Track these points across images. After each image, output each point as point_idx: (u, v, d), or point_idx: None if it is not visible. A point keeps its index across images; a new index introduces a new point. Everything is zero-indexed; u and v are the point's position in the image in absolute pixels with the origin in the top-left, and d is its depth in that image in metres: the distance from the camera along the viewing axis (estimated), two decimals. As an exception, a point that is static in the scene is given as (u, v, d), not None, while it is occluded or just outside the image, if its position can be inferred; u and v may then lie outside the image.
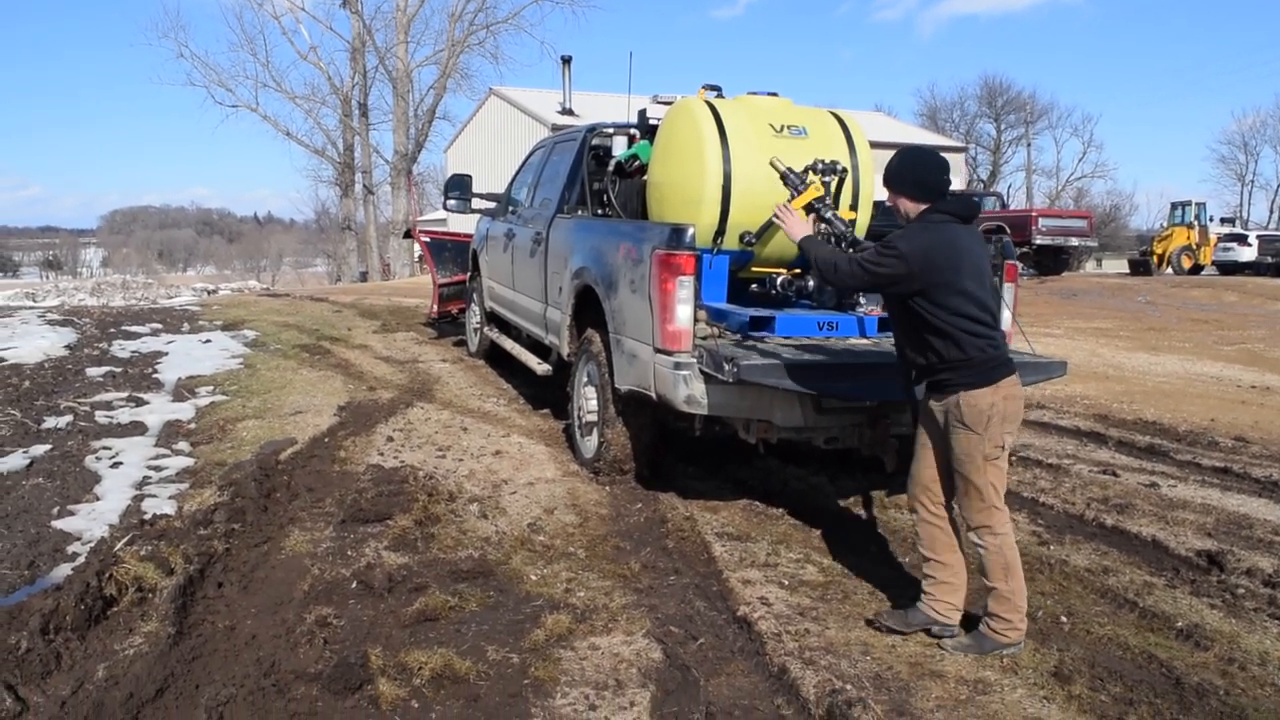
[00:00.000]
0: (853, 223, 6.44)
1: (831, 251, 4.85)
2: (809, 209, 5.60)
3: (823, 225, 5.61)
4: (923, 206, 4.53)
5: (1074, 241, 30.26)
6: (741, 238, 6.54)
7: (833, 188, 6.20)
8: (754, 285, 6.80)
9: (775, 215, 5.15)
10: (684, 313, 5.77)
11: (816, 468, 7.32)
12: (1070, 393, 10.69)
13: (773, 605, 4.94)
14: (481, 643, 4.52)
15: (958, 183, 45.42)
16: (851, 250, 6.23)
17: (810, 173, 5.97)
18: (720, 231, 6.50)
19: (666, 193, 6.86)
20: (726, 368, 5.41)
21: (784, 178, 5.75)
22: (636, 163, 7.72)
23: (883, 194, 4.90)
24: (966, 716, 3.91)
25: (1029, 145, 76.53)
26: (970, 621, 4.65)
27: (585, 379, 7.20)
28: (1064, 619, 4.86)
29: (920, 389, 4.70)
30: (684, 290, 5.78)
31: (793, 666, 4.26)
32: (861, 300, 6.71)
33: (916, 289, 4.35)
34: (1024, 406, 4.58)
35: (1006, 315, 6.46)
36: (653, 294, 5.86)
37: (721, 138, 6.43)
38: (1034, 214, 30.36)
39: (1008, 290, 6.43)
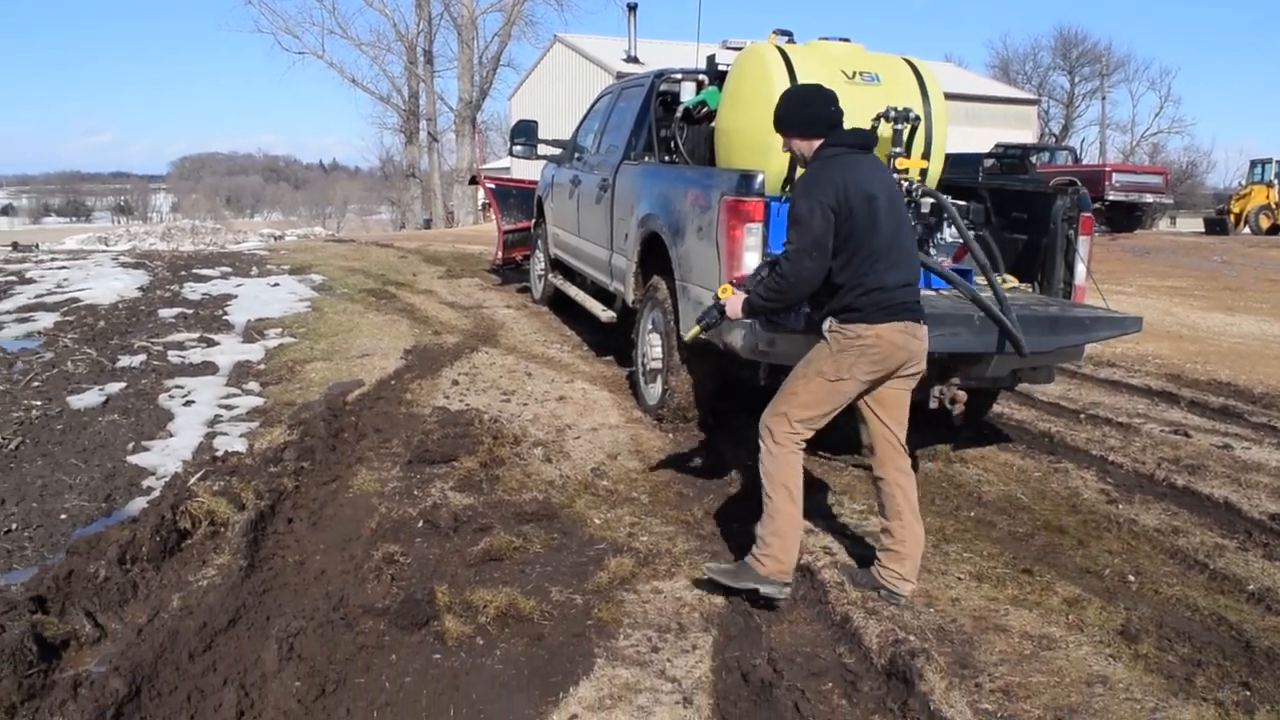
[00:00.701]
0: (924, 172, 6.33)
1: (756, 285, 4.46)
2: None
3: None
4: (816, 143, 4.36)
5: (1148, 198, 29.50)
6: (811, 187, 6.45)
7: (904, 136, 6.10)
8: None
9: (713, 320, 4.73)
10: (752, 260, 5.72)
11: (881, 420, 7.26)
12: (1142, 351, 10.49)
13: (835, 555, 4.93)
14: (545, 584, 4.57)
15: (1027, 136, 44.50)
16: (920, 195, 6.17)
17: (882, 120, 5.88)
18: (789, 179, 6.42)
19: (735, 139, 6.78)
20: (793, 316, 5.36)
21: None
22: (705, 109, 7.64)
23: (954, 146, 4.74)
24: (1030, 672, 3.87)
25: (1104, 99, 74.53)
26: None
27: (650, 326, 7.19)
28: (1131, 578, 4.80)
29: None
30: (752, 237, 5.72)
31: (855, 616, 4.25)
32: (932, 251, 6.60)
33: (839, 231, 4.15)
34: (911, 359, 4.36)
35: (1081, 269, 6.34)
36: (720, 241, 5.81)
37: (792, 84, 6.34)
38: (1108, 169, 29.63)
39: (1083, 243, 6.31)
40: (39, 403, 7.23)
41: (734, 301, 4.51)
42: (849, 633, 4.18)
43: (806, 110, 4.41)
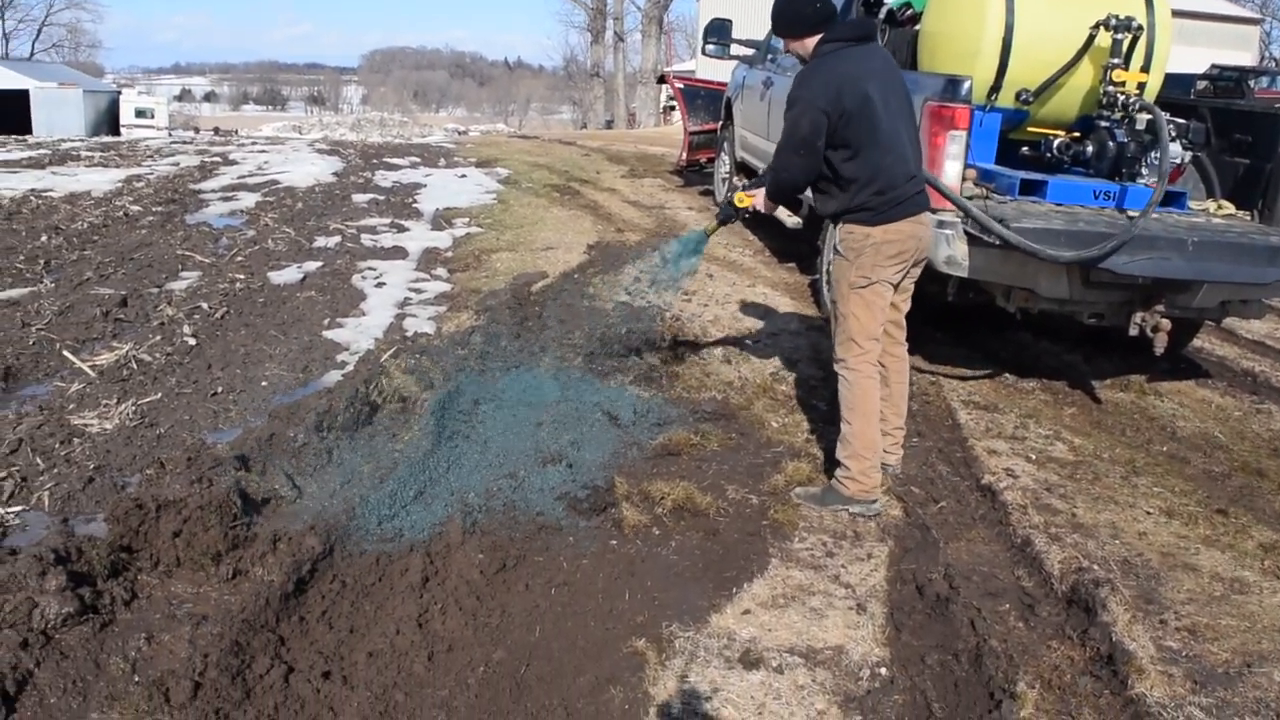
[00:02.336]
0: (1142, 86, 5.96)
1: (764, 179, 4.63)
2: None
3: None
4: (813, 40, 4.28)
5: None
6: (1018, 95, 6.13)
7: (1124, 46, 5.74)
8: (1025, 148, 6.41)
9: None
10: (952, 169, 5.52)
11: (1072, 345, 6.97)
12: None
13: (1019, 478, 4.79)
14: (721, 481, 4.58)
15: (1246, 58, 41.46)
16: (1138, 109, 5.82)
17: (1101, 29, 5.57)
18: (995, 88, 6.13)
19: (940, 43, 6.50)
20: (996, 231, 5.17)
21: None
22: (909, 11, 7.34)
23: (1175, 65, 4.45)
24: (1219, 614, 3.69)
25: (1335, 20, 69.05)
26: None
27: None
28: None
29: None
30: (954, 145, 5.51)
31: (1037, 540, 4.13)
32: (1144, 171, 6.24)
33: (838, 129, 4.11)
34: (921, 249, 4.41)
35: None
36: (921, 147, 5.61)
37: (1002, -11, 6.02)
38: (1334, 96, 27.54)
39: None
40: (242, 277, 7.57)
41: (760, 199, 4.62)
42: (1029, 556, 4.07)
43: (792, 8, 4.35)
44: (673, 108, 28.34)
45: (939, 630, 3.57)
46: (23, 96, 40.71)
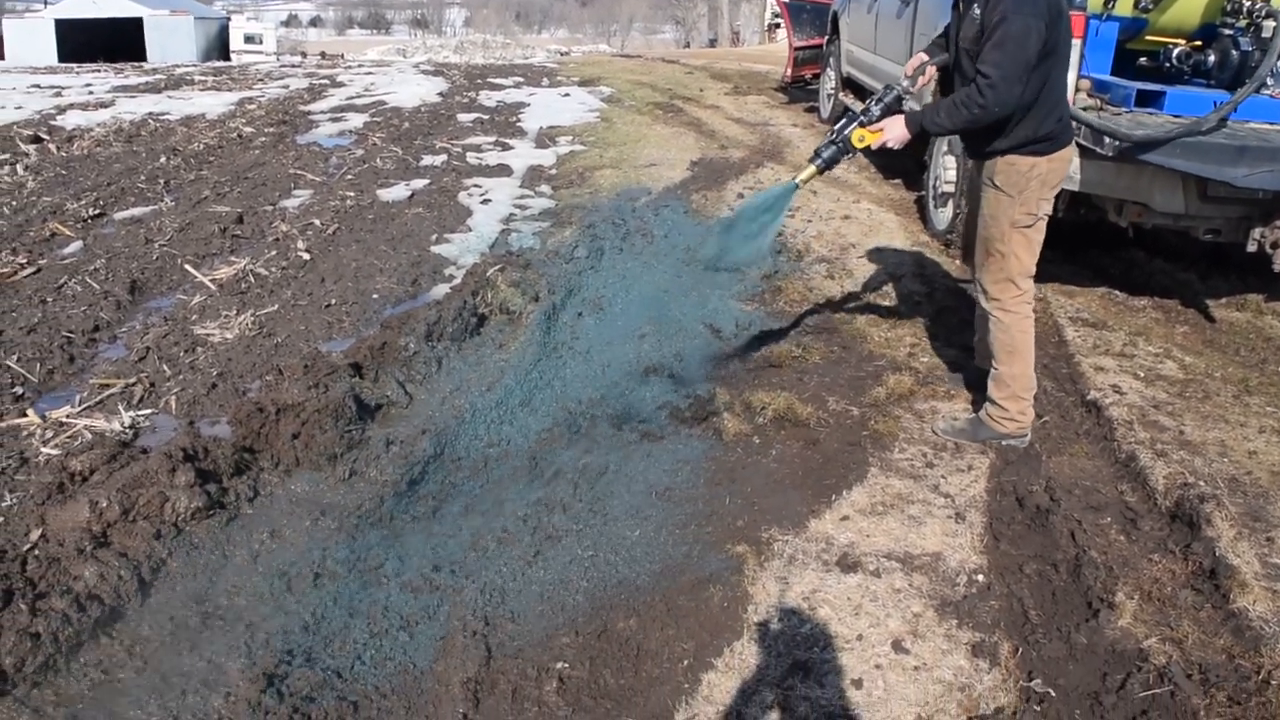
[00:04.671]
0: None
1: (935, 110, 4.00)
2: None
3: None
4: None
5: None
6: (1136, 2, 5.92)
7: None
8: (1143, 58, 6.19)
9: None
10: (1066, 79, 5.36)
11: (1187, 263, 6.76)
12: None
13: (1125, 394, 4.71)
14: (822, 393, 4.61)
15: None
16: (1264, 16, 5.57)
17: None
18: (1097, -11, 5.90)
19: (1055, -53, 6.28)
20: (1108, 140, 5.03)
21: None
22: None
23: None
24: (1330, 535, 3.62)
25: None
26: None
27: (945, 147, 6.90)
28: None
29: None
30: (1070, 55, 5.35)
31: (1142, 456, 4.08)
32: (1270, 81, 5.99)
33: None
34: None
35: None
36: (1032, 57, 5.46)
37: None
38: None
39: None
40: (352, 194, 7.73)
41: (893, 130, 4.08)
42: (1133, 471, 4.02)
43: None
44: (778, 24, 27.82)
45: (1038, 541, 3.57)
46: (137, 24, 41.72)
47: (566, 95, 14.11)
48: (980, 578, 3.36)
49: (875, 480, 3.91)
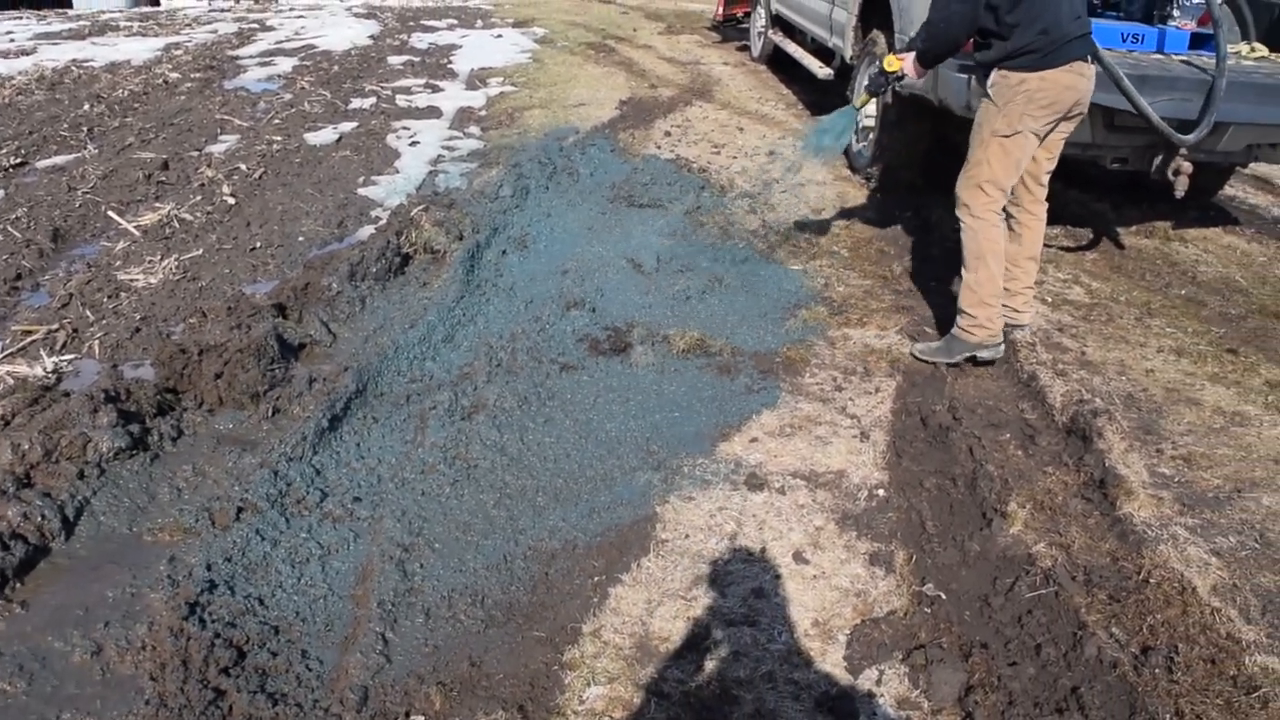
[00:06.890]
0: None
1: (917, 37, 4.36)
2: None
3: None
4: None
5: None
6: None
7: None
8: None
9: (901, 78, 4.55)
10: None
11: (1099, 194, 6.94)
12: None
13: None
14: (738, 323, 4.73)
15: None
16: None
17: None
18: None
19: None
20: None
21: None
22: None
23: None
24: (1216, 444, 3.79)
25: None
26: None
27: (866, 82, 6.99)
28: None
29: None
30: None
31: (1043, 375, 4.25)
32: (1175, 14, 6.11)
33: None
34: (1079, 101, 4.18)
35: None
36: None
37: None
38: None
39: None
40: (279, 138, 7.69)
41: (909, 62, 4.38)
42: (1034, 390, 4.20)
43: None
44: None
45: (938, 457, 3.74)
46: (62, -31, 40.53)
47: (499, 37, 13.98)
48: (881, 492, 3.52)
49: (785, 404, 4.05)
